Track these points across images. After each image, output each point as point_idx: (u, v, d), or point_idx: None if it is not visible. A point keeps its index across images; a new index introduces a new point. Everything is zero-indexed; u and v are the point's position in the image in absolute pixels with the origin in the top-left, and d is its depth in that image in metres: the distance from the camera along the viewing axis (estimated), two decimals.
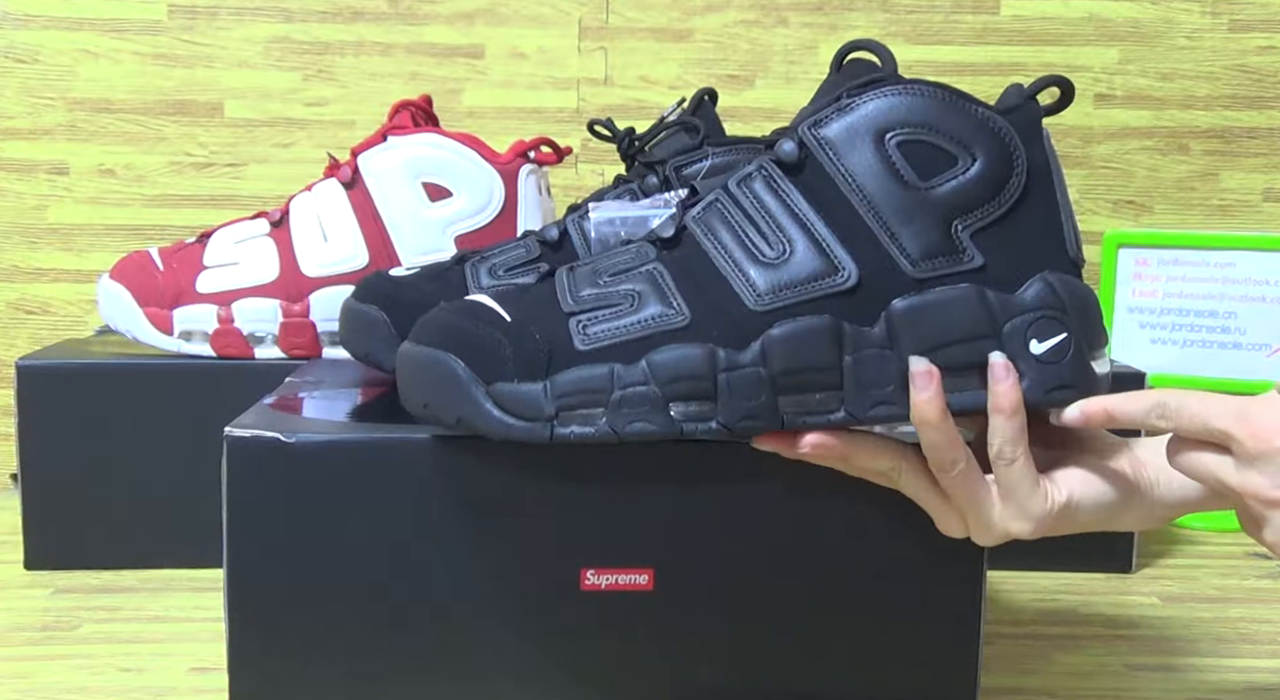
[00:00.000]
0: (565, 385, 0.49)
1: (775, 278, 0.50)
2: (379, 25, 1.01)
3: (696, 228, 0.52)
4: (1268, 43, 1.04)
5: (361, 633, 0.55)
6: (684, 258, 0.51)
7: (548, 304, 0.51)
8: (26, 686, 0.61)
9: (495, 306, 0.52)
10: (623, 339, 0.50)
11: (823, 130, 0.50)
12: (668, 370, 0.49)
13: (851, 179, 0.50)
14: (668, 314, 0.50)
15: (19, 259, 1.01)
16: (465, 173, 0.79)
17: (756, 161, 0.52)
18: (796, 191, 0.50)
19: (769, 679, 0.57)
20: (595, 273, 0.52)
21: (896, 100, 0.50)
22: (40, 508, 0.78)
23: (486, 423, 0.49)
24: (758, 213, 0.51)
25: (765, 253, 0.50)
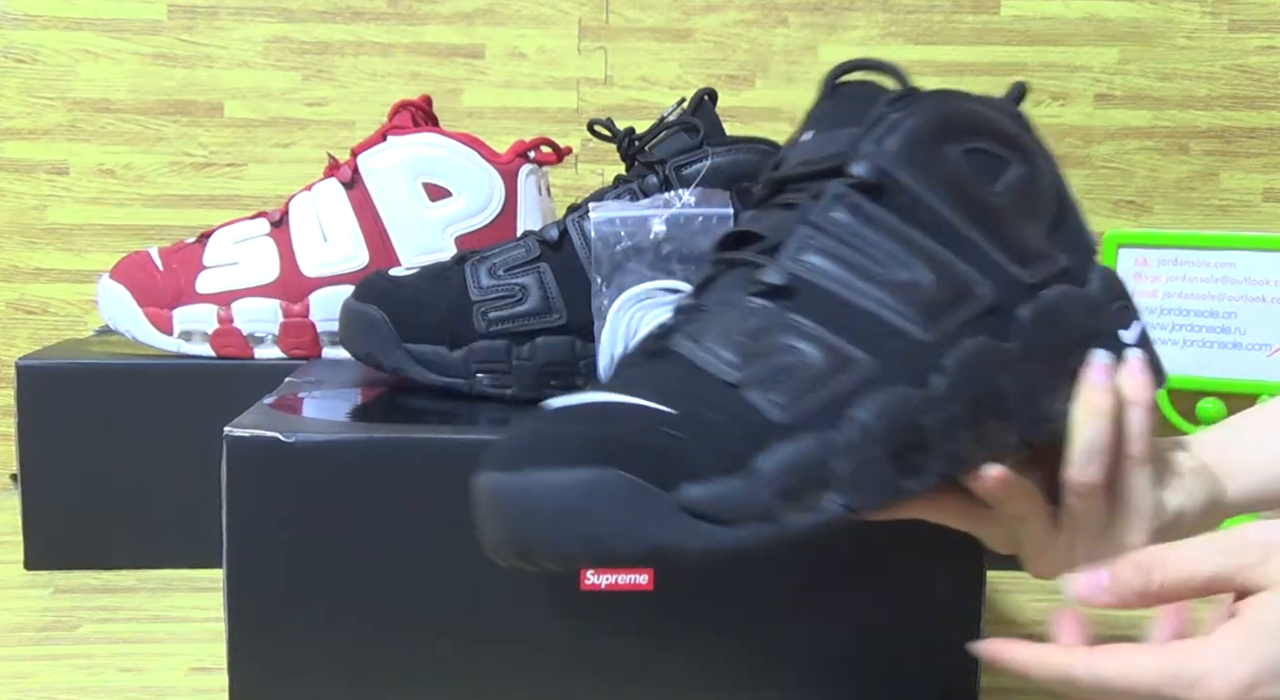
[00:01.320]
0: (776, 470, 0.41)
1: (923, 303, 0.45)
2: (379, 25, 1.01)
3: (806, 272, 0.46)
4: (1268, 43, 1.04)
5: (361, 633, 0.55)
6: (816, 304, 0.45)
7: (702, 380, 0.43)
8: (26, 686, 0.61)
9: (640, 401, 0.42)
10: (815, 402, 0.42)
11: (891, 146, 0.47)
12: (882, 425, 0.42)
13: (940, 193, 0.47)
14: (850, 362, 0.44)
15: (19, 259, 1.01)
16: (465, 173, 0.79)
17: (830, 190, 0.47)
18: (890, 214, 0.47)
19: (768, 679, 0.57)
20: (728, 333, 0.44)
21: (948, 109, 0.49)
22: (40, 508, 0.78)
23: (696, 541, 0.40)
24: (863, 243, 0.46)
25: (896, 277, 0.46)
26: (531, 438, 0.41)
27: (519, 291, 0.65)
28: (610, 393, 0.42)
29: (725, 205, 0.63)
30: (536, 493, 0.40)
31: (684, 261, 0.63)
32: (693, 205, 0.63)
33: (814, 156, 0.49)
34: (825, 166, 0.48)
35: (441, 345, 0.64)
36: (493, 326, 0.64)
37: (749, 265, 0.47)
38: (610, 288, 0.63)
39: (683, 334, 0.45)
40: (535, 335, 0.64)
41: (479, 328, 0.64)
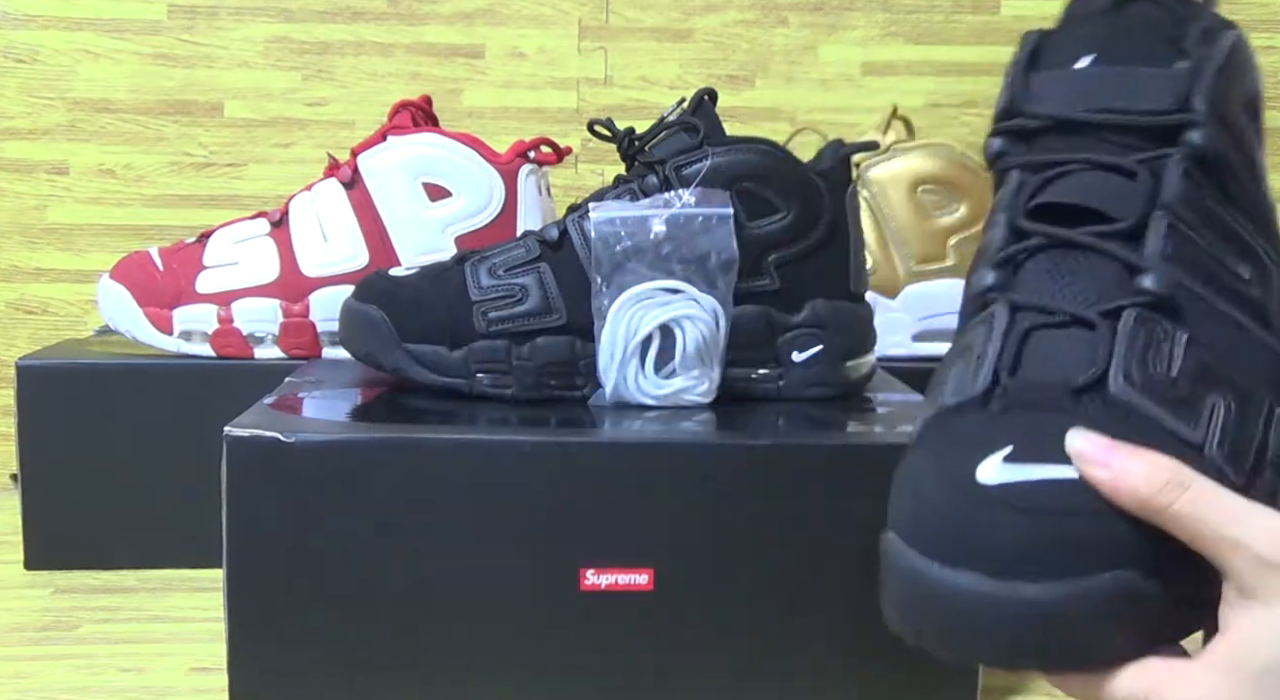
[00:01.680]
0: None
1: (1264, 311, 0.43)
2: (379, 25, 1.01)
3: (1184, 278, 0.42)
4: (1268, 43, 1.04)
5: (361, 633, 0.55)
6: (1202, 325, 0.42)
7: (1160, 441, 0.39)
8: (26, 686, 0.61)
9: None
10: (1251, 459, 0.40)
11: (1219, 108, 0.44)
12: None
13: (1243, 162, 0.44)
14: (1256, 402, 0.41)
15: (19, 259, 1.01)
16: (465, 173, 0.79)
17: (1172, 161, 0.43)
18: (1218, 195, 0.43)
19: (769, 679, 0.57)
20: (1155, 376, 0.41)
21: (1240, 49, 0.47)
22: (40, 508, 0.78)
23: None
24: (1207, 232, 0.43)
25: (1239, 283, 0.43)
26: (1012, 535, 0.37)
27: (519, 291, 0.65)
28: (1068, 467, 0.38)
29: (725, 205, 0.63)
30: (1042, 608, 0.36)
31: (684, 261, 0.63)
32: (693, 205, 0.63)
33: (1124, 104, 0.44)
34: (1155, 123, 0.43)
35: (441, 345, 0.64)
36: (493, 326, 0.64)
37: (1110, 257, 0.42)
38: (610, 288, 0.63)
39: (1092, 361, 0.41)
40: (535, 335, 0.64)
41: (479, 328, 0.64)
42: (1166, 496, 0.37)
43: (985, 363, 0.42)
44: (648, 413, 0.62)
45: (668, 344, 0.63)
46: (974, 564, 0.37)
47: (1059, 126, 0.45)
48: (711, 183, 0.64)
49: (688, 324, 0.62)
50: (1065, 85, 0.45)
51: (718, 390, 0.64)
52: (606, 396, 0.63)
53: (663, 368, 0.63)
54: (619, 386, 0.63)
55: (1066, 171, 0.44)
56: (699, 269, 0.63)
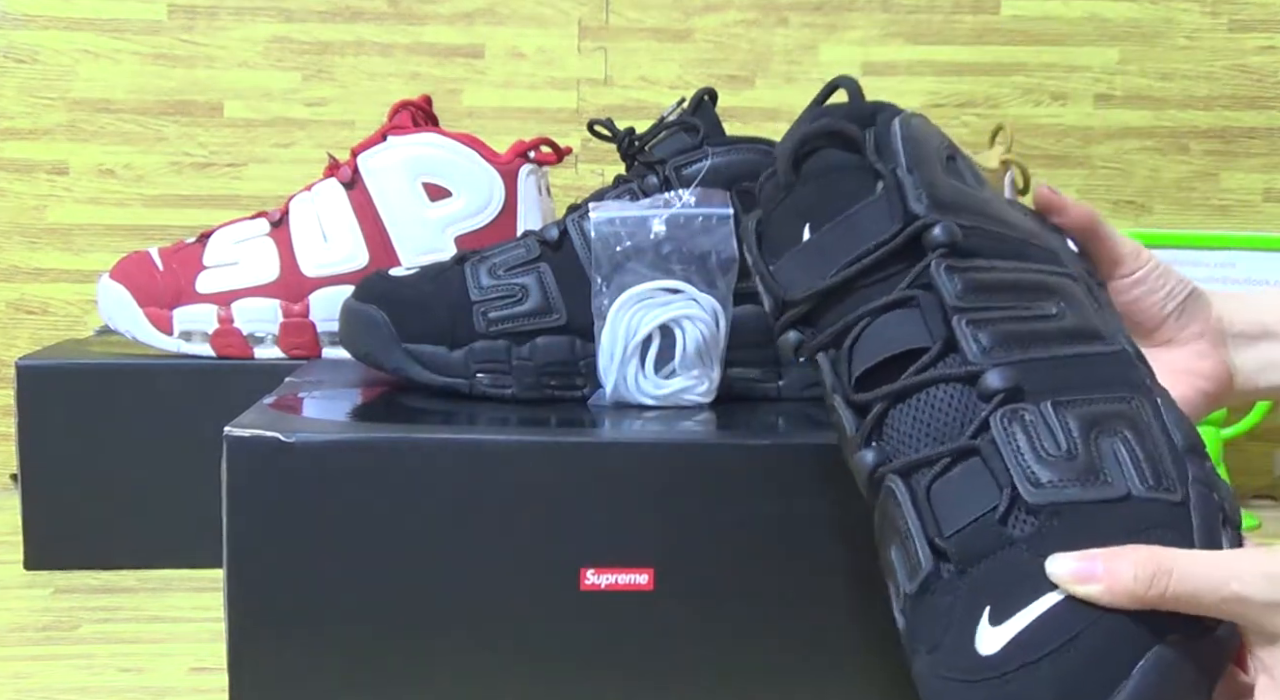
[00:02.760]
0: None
1: (1084, 331, 0.45)
2: (379, 25, 1.01)
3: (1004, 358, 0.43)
4: (1268, 43, 1.04)
5: (361, 633, 0.55)
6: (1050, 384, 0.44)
7: (1090, 515, 0.41)
8: (26, 686, 0.61)
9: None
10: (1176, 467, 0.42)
11: (929, 198, 0.46)
12: (1198, 442, 0.44)
13: (976, 216, 0.47)
14: (1140, 409, 0.44)
15: (19, 259, 1.01)
16: (465, 173, 0.79)
17: (933, 267, 0.45)
18: (980, 262, 0.46)
19: (768, 679, 0.57)
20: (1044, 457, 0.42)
21: (917, 132, 0.49)
22: (40, 508, 0.78)
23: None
24: (995, 302, 0.45)
25: (1049, 319, 0.45)
26: (1046, 691, 0.38)
27: (519, 291, 0.64)
28: (1042, 596, 0.39)
29: (725, 205, 0.63)
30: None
31: (684, 261, 0.63)
32: (693, 205, 0.63)
33: (861, 249, 0.46)
34: (894, 248, 0.45)
35: (441, 345, 0.64)
36: (493, 326, 0.64)
37: (947, 382, 0.44)
38: (610, 288, 0.63)
39: (996, 485, 0.42)
40: (535, 335, 0.64)
41: (479, 328, 0.64)
42: (1159, 586, 0.38)
43: (915, 540, 0.43)
44: (648, 413, 0.62)
45: (668, 344, 0.63)
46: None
47: (823, 298, 0.47)
48: (711, 183, 0.64)
49: (688, 324, 0.62)
50: (802, 261, 0.47)
51: (718, 390, 0.64)
52: (606, 396, 0.63)
53: (663, 368, 0.63)
54: (619, 386, 0.63)
55: (858, 334, 0.46)
56: (699, 269, 0.63)
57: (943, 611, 0.42)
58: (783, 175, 0.50)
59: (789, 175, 0.49)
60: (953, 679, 0.40)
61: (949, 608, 0.41)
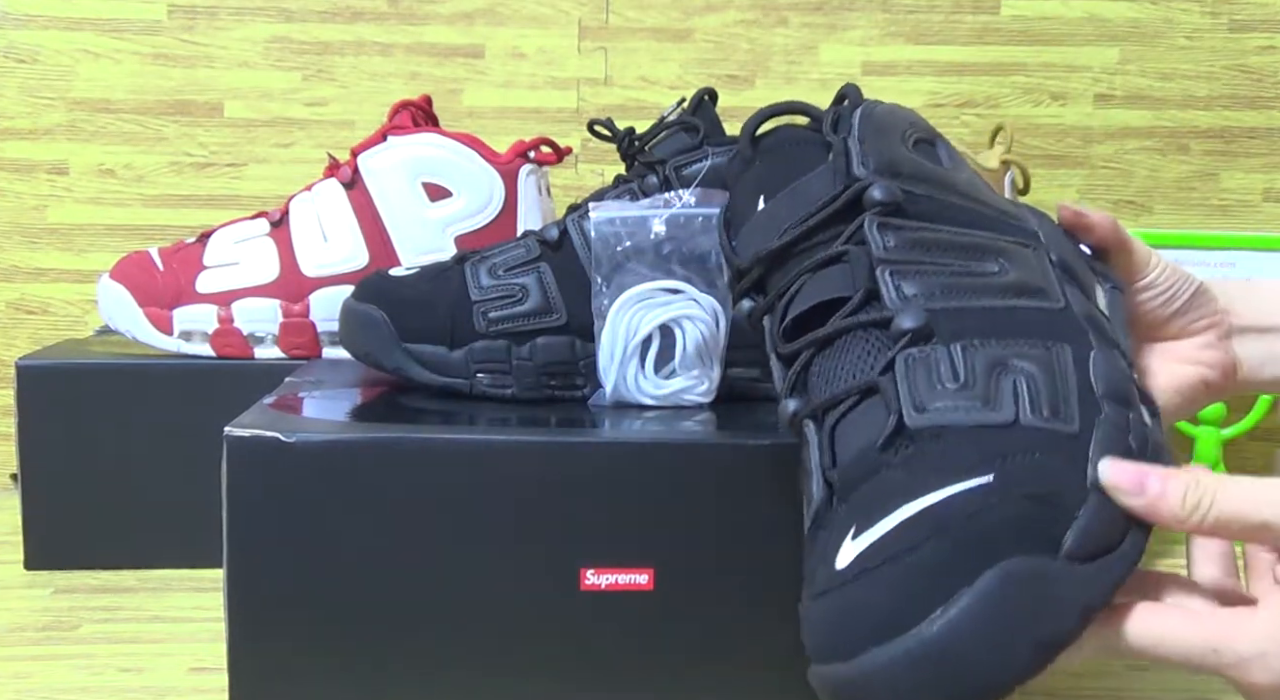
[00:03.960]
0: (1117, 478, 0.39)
1: (1020, 283, 0.46)
2: (379, 25, 1.01)
3: (926, 303, 0.44)
4: (1268, 43, 1.04)
5: (361, 633, 0.55)
6: (967, 327, 0.44)
7: (976, 438, 0.41)
8: (26, 686, 0.61)
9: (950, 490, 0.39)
10: (1076, 404, 0.42)
11: (873, 164, 0.47)
12: (1119, 389, 0.43)
13: (931, 187, 0.48)
14: (1052, 355, 0.43)
15: (19, 259, 1.01)
16: (465, 173, 0.79)
17: (866, 225, 0.46)
18: (921, 223, 0.46)
19: (769, 679, 0.57)
20: (938, 388, 0.42)
21: (879, 113, 0.50)
22: (40, 508, 0.78)
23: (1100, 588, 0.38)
24: (929, 258, 0.45)
25: (986, 275, 0.46)
26: (883, 591, 0.37)
27: (519, 291, 0.65)
28: (899, 507, 0.38)
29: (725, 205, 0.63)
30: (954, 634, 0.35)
31: (684, 261, 0.63)
32: (693, 205, 0.63)
33: (805, 211, 0.47)
34: (838, 208, 0.47)
35: (441, 345, 0.64)
36: (493, 326, 0.64)
37: (864, 326, 0.44)
38: (610, 288, 0.63)
39: (887, 412, 0.42)
40: (535, 335, 0.64)
41: (479, 328, 0.64)
42: (1202, 511, 0.39)
43: (814, 475, 0.43)
44: (648, 413, 0.62)
45: (668, 344, 0.63)
46: (866, 642, 0.36)
47: (770, 262, 0.48)
48: (711, 183, 0.64)
49: (688, 324, 0.62)
50: (757, 231, 0.49)
51: (718, 390, 0.64)
52: (606, 396, 0.63)
53: (663, 368, 0.63)
54: (619, 386, 0.63)
55: (795, 291, 0.47)
56: (699, 269, 0.63)
57: (820, 543, 0.41)
58: (742, 150, 0.51)
59: (748, 150, 0.51)
60: (809, 598, 0.40)
61: (826, 539, 0.41)
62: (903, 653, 0.35)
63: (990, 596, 0.35)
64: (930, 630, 0.35)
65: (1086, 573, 0.37)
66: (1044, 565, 0.36)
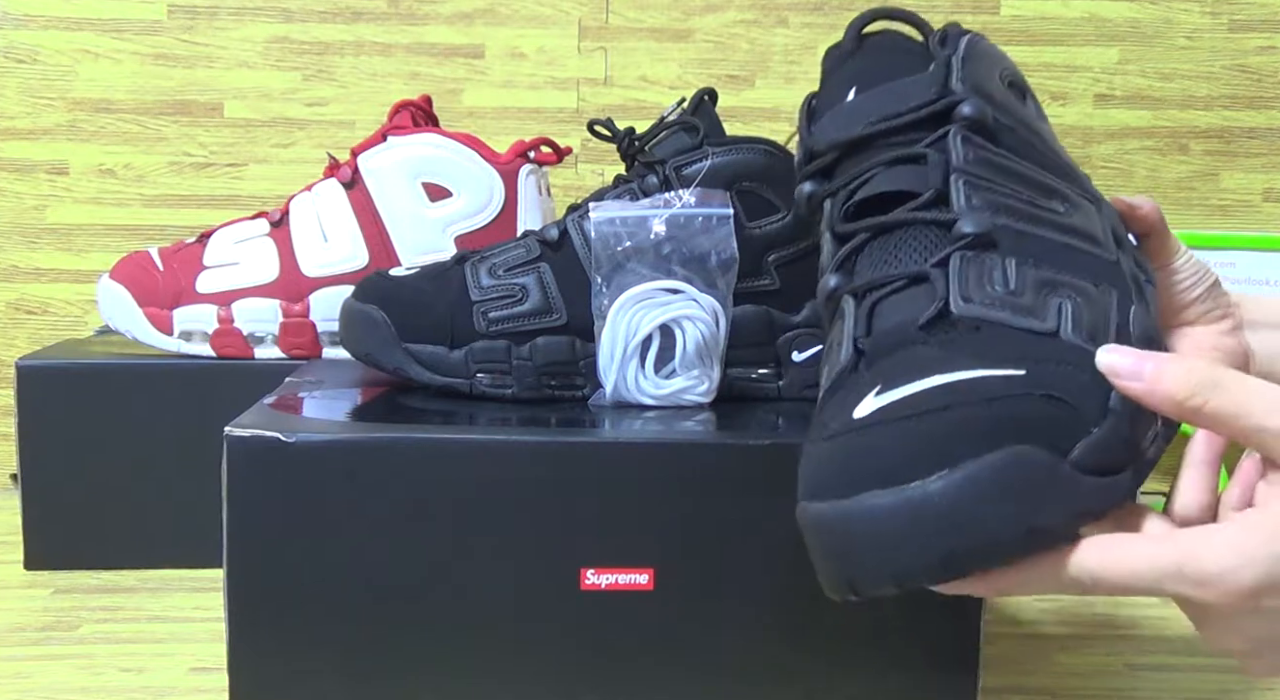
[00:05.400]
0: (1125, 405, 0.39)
1: (1085, 230, 0.46)
2: (379, 25, 1.01)
3: (993, 217, 0.45)
4: (1268, 43, 1.04)
5: (361, 633, 0.55)
6: (1025, 247, 0.45)
7: (1015, 338, 0.41)
8: (26, 686, 0.61)
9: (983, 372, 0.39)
10: (1107, 332, 0.43)
11: (974, 86, 0.48)
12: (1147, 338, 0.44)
13: (1019, 123, 0.49)
14: (1101, 291, 0.44)
15: (19, 259, 1.01)
16: (465, 173, 0.79)
17: (952, 135, 0.46)
18: (1005, 152, 0.47)
19: (768, 679, 0.57)
20: (991, 288, 0.43)
21: (984, 46, 0.51)
22: (40, 508, 0.78)
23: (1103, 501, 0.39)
24: (1005, 181, 0.46)
25: (1055, 213, 0.46)
26: (897, 441, 0.37)
27: (519, 291, 0.65)
28: (930, 377, 0.39)
29: (725, 205, 0.63)
30: (953, 495, 0.36)
31: (684, 261, 0.63)
32: (693, 205, 0.63)
33: (895, 110, 0.48)
34: (926, 114, 0.47)
35: (441, 345, 0.64)
36: (493, 326, 0.64)
37: (928, 223, 0.45)
38: (610, 288, 0.63)
39: (934, 298, 0.42)
40: (535, 335, 0.64)
41: (479, 328, 0.64)
42: (1202, 396, 0.38)
43: (844, 341, 0.44)
44: (648, 413, 0.62)
45: (668, 344, 0.63)
46: (869, 483, 0.37)
47: (847, 150, 0.48)
48: (711, 183, 0.64)
49: (688, 324, 0.62)
50: (840, 118, 0.49)
51: (718, 390, 0.64)
52: (606, 396, 0.63)
53: (663, 368, 0.63)
54: (619, 386, 0.63)
55: (867, 179, 0.47)
56: (699, 269, 0.63)
57: (839, 399, 0.41)
58: (846, 42, 0.52)
59: (852, 43, 0.51)
60: (818, 439, 0.40)
61: (846, 394, 0.41)
62: (902, 500, 0.36)
63: (997, 470, 0.36)
64: (934, 485, 0.36)
65: (1087, 483, 0.38)
66: (1053, 461, 0.37)
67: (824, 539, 0.39)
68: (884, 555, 0.37)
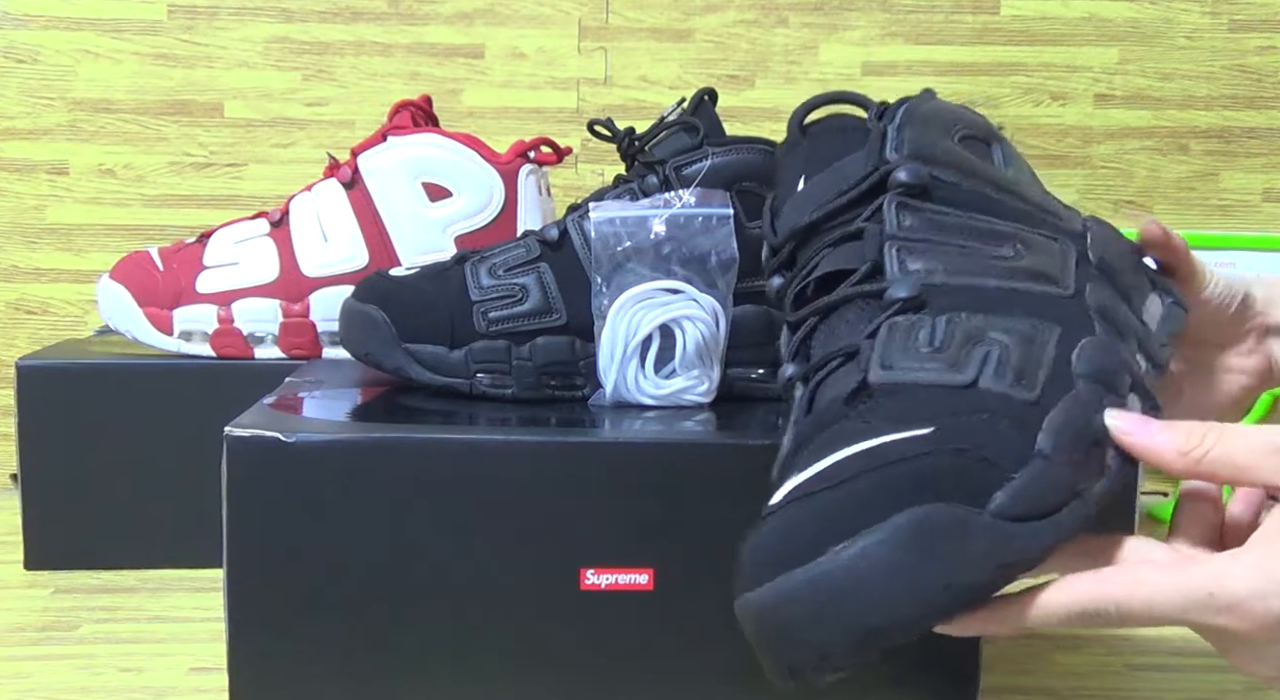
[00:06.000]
0: (1058, 444, 0.39)
1: (1040, 271, 0.46)
2: (379, 25, 1.01)
3: (925, 277, 0.45)
4: (1268, 43, 1.04)
5: (362, 632, 0.55)
6: (957, 299, 0.45)
7: (929, 395, 0.42)
8: (26, 686, 0.61)
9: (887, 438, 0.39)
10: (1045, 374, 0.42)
11: (908, 150, 0.49)
12: (1101, 371, 0.43)
13: (966, 177, 0.49)
14: (1038, 330, 0.44)
15: (19, 259, 1.01)
16: (465, 173, 0.79)
17: (886, 203, 0.47)
18: (945, 207, 0.48)
19: (768, 679, 0.57)
20: (914, 350, 0.43)
21: (927, 108, 0.52)
22: (40, 508, 0.78)
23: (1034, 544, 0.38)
24: (943, 238, 0.47)
25: (1000, 258, 0.46)
26: (809, 516, 0.38)
27: (519, 291, 0.65)
28: (841, 449, 0.39)
29: (725, 205, 0.63)
30: (861, 565, 0.36)
31: (684, 262, 0.63)
32: (693, 205, 0.63)
33: (836, 190, 0.49)
34: (864, 189, 0.48)
35: (441, 345, 0.64)
36: (493, 326, 0.64)
37: (864, 296, 0.46)
38: (610, 288, 0.63)
39: (859, 371, 0.43)
40: (535, 335, 0.64)
41: (479, 328, 0.64)
42: (1204, 448, 0.40)
43: (790, 428, 0.45)
44: (648, 413, 0.62)
45: (668, 344, 0.63)
46: (789, 564, 0.37)
47: (801, 238, 0.50)
48: (711, 183, 0.64)
49: (688, 324, 0.62)
50: (794, 209, 0.50)
51: (718, 390, 0.64)
52: (606, 396, 0.63)
53: (663, 368, 0.63)
54: (619, 386, 0.63)
55: (816, 263, 0.49)
56: (699, 269, 0.63)
57: (779, 485, 0.42)
58: (791, 134, 0.53)
59: (795, 134, 0.53)
60: (750, 532, 0.41)
61: (782, 480, 0.42)
62: (805, 580, 0.36)
63: (898, 534, 0.36)
64: (836, 559, 0.36)
65: (1009, 530, 0.37)
66: (963, 515, 0.37)
67: (757, 628, 0.38)
68: (808, 636, 0.37)
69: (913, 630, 0.37)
